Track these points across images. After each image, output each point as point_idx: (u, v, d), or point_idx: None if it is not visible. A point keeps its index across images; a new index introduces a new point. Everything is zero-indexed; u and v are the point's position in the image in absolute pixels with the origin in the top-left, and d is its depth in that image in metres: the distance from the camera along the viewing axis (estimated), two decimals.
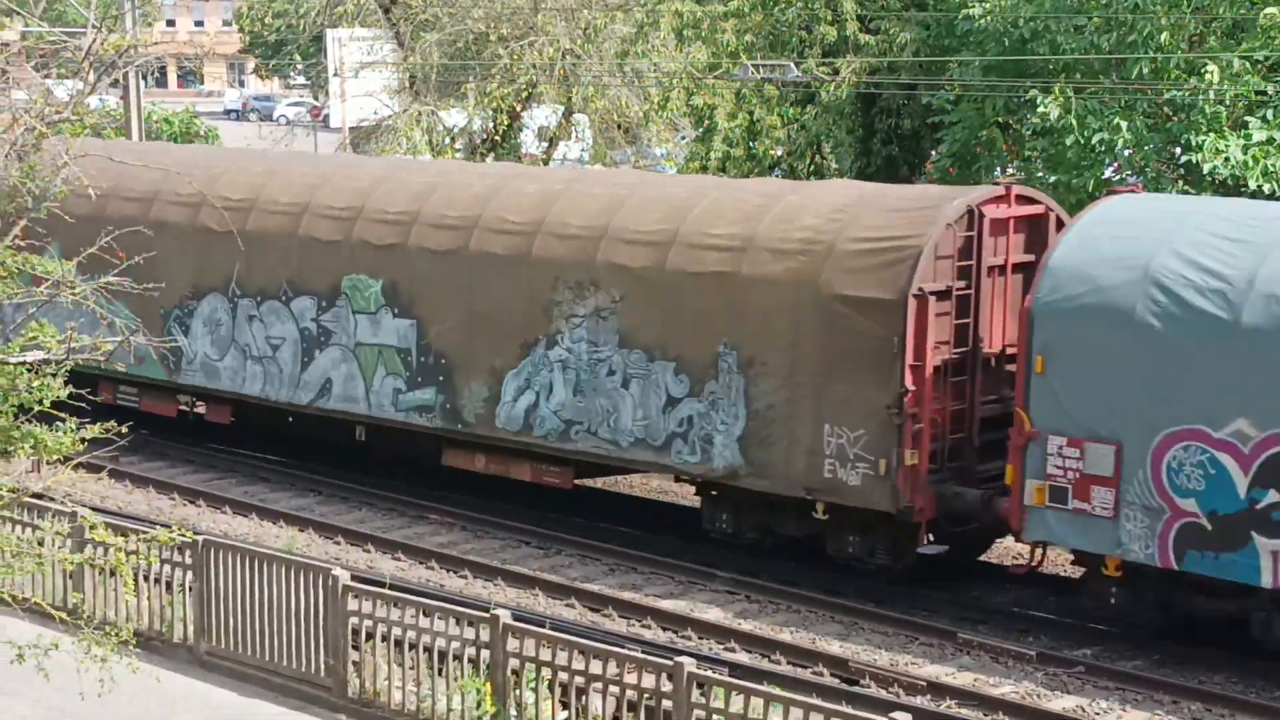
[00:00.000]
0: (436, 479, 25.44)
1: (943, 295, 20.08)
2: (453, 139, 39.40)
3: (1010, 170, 28.78)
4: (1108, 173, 26.61)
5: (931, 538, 20.94)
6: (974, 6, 27.16)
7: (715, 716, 14.52)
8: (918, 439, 19.75)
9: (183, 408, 27.99)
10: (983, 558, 22.34)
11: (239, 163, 28.02)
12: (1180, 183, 26.00)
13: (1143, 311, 17.98)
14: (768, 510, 21.53)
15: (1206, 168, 24.20)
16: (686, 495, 24.76)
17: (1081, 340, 18.37)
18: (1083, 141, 25.48)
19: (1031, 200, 21.28)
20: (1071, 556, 20.02)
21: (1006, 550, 22.32)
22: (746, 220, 21.45)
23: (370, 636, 16.99)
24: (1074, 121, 25.35)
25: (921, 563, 21.12)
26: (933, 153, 32.35)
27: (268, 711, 17.15)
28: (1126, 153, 26.12)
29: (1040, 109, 25.61)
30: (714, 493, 22.01)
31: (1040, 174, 27.52)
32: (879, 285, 19.93)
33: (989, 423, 20.55)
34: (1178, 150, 25.75)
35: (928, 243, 19.81)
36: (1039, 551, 20.17)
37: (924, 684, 17.91)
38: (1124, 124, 25.13)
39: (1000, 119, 28.64)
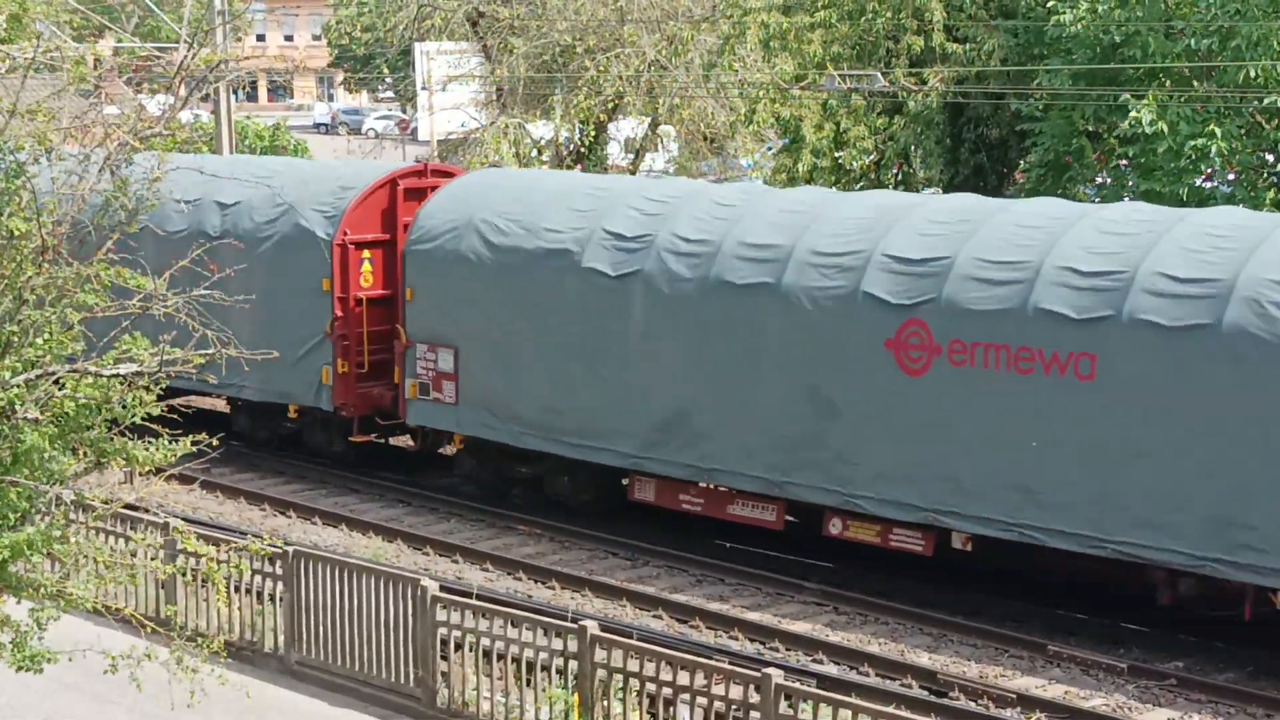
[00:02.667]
0: (522, 491, 25.55)
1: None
2: (540, 151, 39.57)
3: (1098, 180, 28.49)
4: (1199, 180, 26.27)
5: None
6: (1064, 13, 26.92)
7: None
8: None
9: None
10: None
11: None
12: (1275, 191, 25.67)
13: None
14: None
15: None
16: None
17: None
18: (1175, 148, 25.20)
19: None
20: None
21: None
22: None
23: (459, 647, 17.06)
24: (1165, 127, 25.06)
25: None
26: (1021, 162, 32.10)
27: None
28: (1219, 160, 25.80)
29: (1132, 114, 25.33)
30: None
31: (1131, 182, 27.21)
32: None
33: None
34: (1269, 157, 25.44)
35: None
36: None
37: (1014, 696, 17.78)
38: (1218, 130, 24.81)
39: (1090, 127, 28.33)
